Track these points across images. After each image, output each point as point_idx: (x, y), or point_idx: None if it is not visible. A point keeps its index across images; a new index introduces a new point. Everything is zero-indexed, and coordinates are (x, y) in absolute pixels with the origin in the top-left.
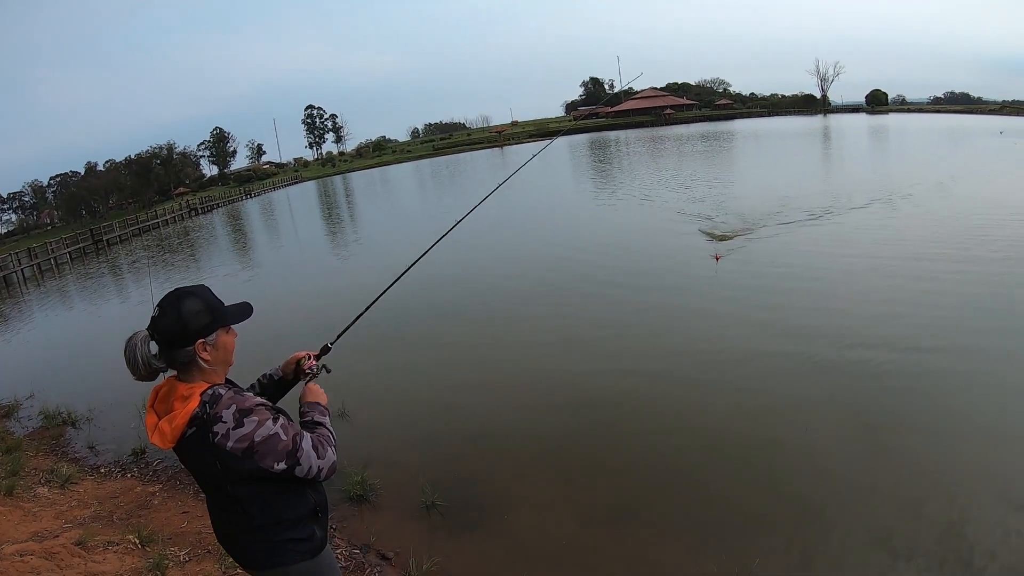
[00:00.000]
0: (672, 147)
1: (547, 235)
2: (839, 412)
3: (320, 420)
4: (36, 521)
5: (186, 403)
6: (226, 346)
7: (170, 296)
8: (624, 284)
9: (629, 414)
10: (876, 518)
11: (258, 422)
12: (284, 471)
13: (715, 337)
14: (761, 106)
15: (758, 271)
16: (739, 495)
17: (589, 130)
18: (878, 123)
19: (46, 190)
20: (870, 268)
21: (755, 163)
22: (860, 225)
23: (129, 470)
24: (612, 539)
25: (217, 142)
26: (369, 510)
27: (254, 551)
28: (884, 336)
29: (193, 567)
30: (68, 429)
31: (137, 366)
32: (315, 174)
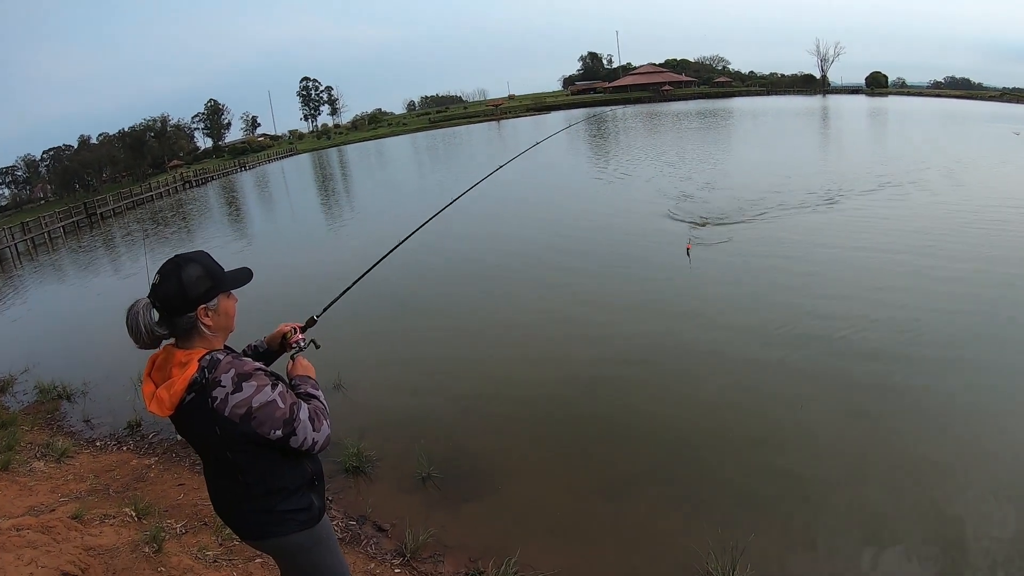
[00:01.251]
0: (669, 124)
1: (551, 212)
2: (834, 394)
3: (313, 393)
4: (32, 495)
5: (184, 369)
6: (227, 311)
7: (170, 263)
8: (617, 266)
9: (625, 390)
10: (867, 500)
11: (257, 387)
12: (280, 439)
13: (712, 316)
14: (760, 85)
15: (743, 262)
16: (734, 472)
17: (587, 105)
18: (878, 105)
19: (39, 164)
20: (877, 260)
21: (753, 142)
22: (865, 213)
23: (125, 443)
24: (607, 511)
25: (211, 114)
26: (365, 482)
27: (252, 521)
28: (890, 330)
29: (190, 539)
30: (63, 403)
31: (140, 334)
32: (310, 146)
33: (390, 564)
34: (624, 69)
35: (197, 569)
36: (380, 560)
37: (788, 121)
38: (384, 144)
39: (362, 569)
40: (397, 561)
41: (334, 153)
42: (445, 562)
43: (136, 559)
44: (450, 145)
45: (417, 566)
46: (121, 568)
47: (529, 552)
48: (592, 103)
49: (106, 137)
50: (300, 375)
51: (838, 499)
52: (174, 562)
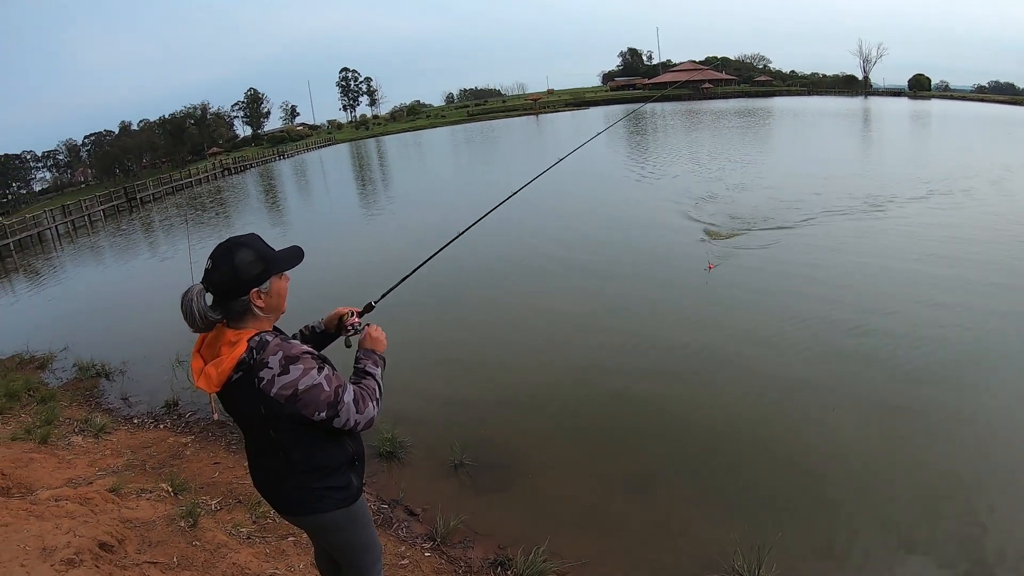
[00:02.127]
0: (708, 122)
1: (584, 208)
2: (866, 397)
3: (371, 371)
4: (70, 468)
5: (233, 348)
6: (279, 292)
7: (221, 248)
8: (652, 272)
9: (656, 392)
10: (895, 507)
11: (303, 370)
12: (323, 420)
13: (744, 324)
14: (801, 84)
15: (782, 269)
16: (762, 473)
17: (626, 101)
18: (920, 108)
19: (80, 149)
20: (923, 273)
21: (794, 143)
22: (912, 222)
23: (162, 421)
24: (635, 506)
25: (251, 103)
26: (398, 466)
27: (292, 497)
28: (934, 347)
29: (225, 516)
30: (101, 381)
31: (195, 319)
32: (349, 136)
33: (420, 548)
34: (664, 66)
35: (231, 544)
36: (411, 543)
37: (829, 122)
38: (422, 136)
39: (393, 552)
40: (427, 545)
41: (372, 143)
42: (475, 548)
43: (171, 532)
44: (488, 139)
45: (447, 551)
46: (156, 540)
47: (557, 542)
48: (631, 99)
49: (147, 123)
50: (367, 347)
51: (866, 504)
52: (208, 537)
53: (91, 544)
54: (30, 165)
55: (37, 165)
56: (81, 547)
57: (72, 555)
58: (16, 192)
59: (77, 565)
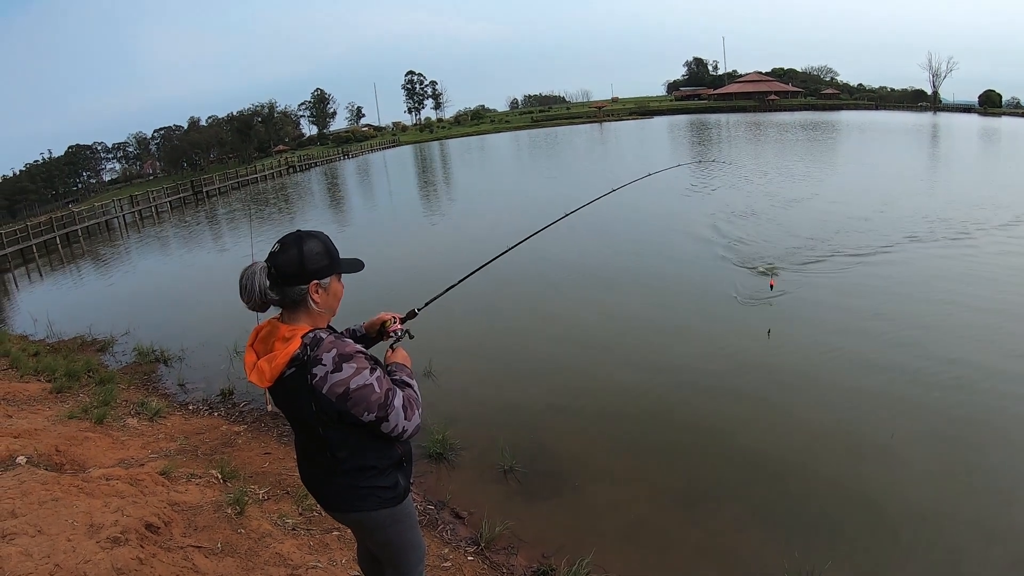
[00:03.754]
0: (773, 135)
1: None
2: (929, 423)
3: (409, 381)
4: (124, 449)
5: (287, 344)
6: (336, 293)
7: (293, 235)
8: (719, 292)
9: (712, 410)
10: (951, 542)
11: (356, 369)
12: (372, 423)
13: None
14: (868, 98)
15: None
16: (815, 499)
17: (690, 111)
18: (991, 125)
19: (149, 142)
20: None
21: (870, 161)
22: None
23: (216, 409)
24: (685, 523)
25: (317, 103)
26: (447, 468)
27: (338, 494)
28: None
29: (271, 506)
30: (160, 366)
31: (253, 294)
32: (412, 139)
33: (464, 551)
34: (730, 76)
35: (275, 535)
36: (455, 546)
37: (900, 138)
38: (486, 140)
39: (436, 553)
40: (471, 549)
41: (436, 146)
42: (518, 555)
43: (218, 518)
44: (552, 146)
45: (490, 556)
46: (202, 525)
47: (602, 554)
48: (696, 109)
49: (215, 120)
50: (397, 362)
51: (920, 537)
52: (254, 525)
53: (138, 524)
54: (100, 156)
55: (107, 156)
56: (128, 526)
57: (118, 533)
58: (86, 181)
59: (122, 544)
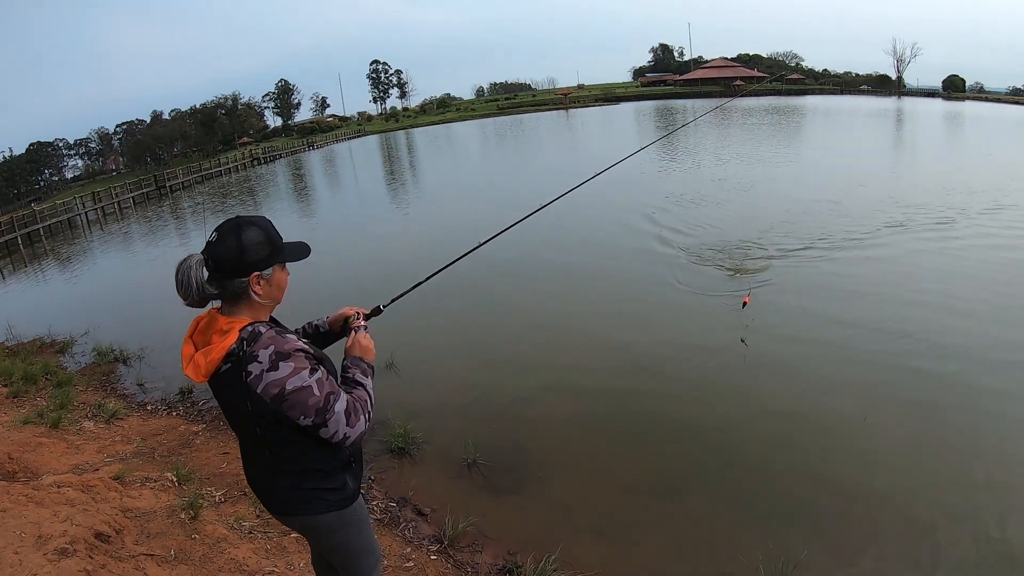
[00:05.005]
0: (738, 120)
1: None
2: (901, 406)
3: (361, 380)
4: (79, 454)
5: (224, 337)
6: (280, 283)
7: (231, 223)
8: (689, 279)
9: (682, 397)
10: (924, 524)
11: (294, 369)
12: (309, 428)
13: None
14: (834, 83)
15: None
16: (789, 486)
17: (656, 97)
18: (955, 110)
19: (112, 137)
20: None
21: (837, 145)
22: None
23: (175, 408)
24: (653, 515)
25: (282, 94)
26: (409, 463)
27: (283, 497)
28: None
29: (228, 508)
30: (119, 366)
31: (190, 290)
32: (378, 128)
33: (427, 550)
34: (695, 62)
35: (231, 539)
36: (417, 545)
37: (867, 122)
38: (452, 129)
39: (398, 553)
40: (434, 548)
41: (402, 136)
42: (483, 552)
43: (171, 524)
44: (518, 134)
45: (454, 554)
46: (155, 532)
47: (570, 549)
48: (662, 95)
49: (178, 113)
50: (356, 355)
51: (897, 522)
52: (209, 530)
53: (87, 534)
54: (62, 153)
55: (69, 153)
56: (77, 536)
57: (66, 544)
58: (48, 179)
59: (70, 555)
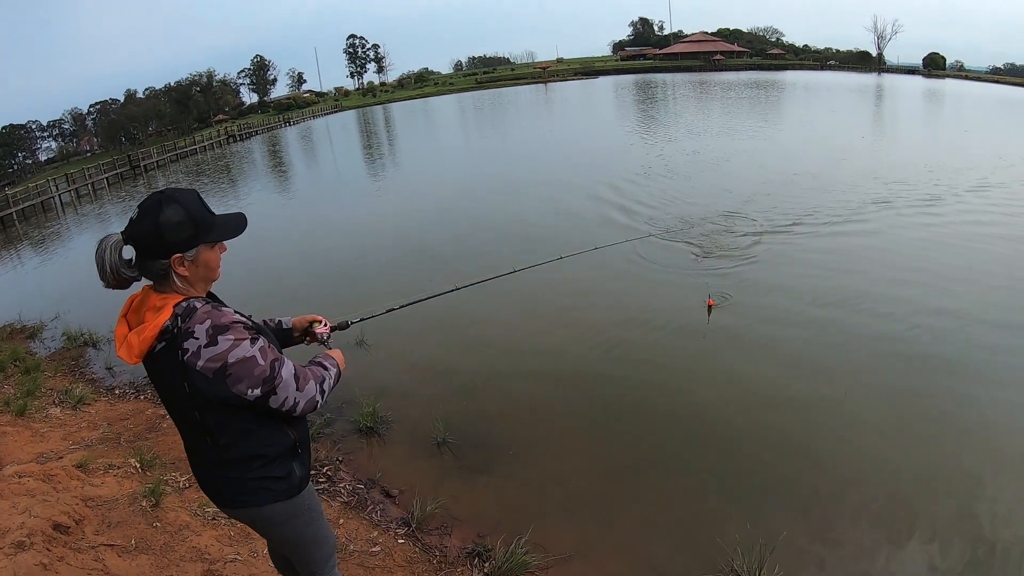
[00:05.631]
0: (718, 94)
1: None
2: (883, 386)
3: (327, 365)
4: (43, 442)
5: (157, 315)
6: (208, 263)
7: (152, 199)
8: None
9: (658, 374)
10: (904, 500)
11: (234, 341)
12: (258, 399)
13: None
14: (814, 59)
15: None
16: (768, 467)
17: (636, 71)
18: (935, 87)
19: (86, 118)
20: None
21: (817, 120)
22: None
23: (143, 392)
24: (627, 495)
25: (257, 70)
26: (378, 443)
27: (224, 487)
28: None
29: (192, 494)
30: (89, 350)
31: (105, 272)
32: (356, 103)
33: (394, 534)
34: (675, 36)
35: (194, 526)
36: (384, 528)
37: (848, 97)
38: (430, 103)
39: (364, 537)
40: (402, 531)
41: (379, 111)
42: (452, 535)
43: (133, 512)
44: (496, 107)
45: (422, 537)
46: (116, 521)
47: (542, 530)
48: (641, 69)
49: (152, 92)
50: (325, 354)
51: (878, 504)
52: (171, 518)
53: (45, 525)
54: (35, 135)
55: (43, 135)
56: (34, 528)
57: (24, 537)
58: (22, 162)
59: (27, 548)
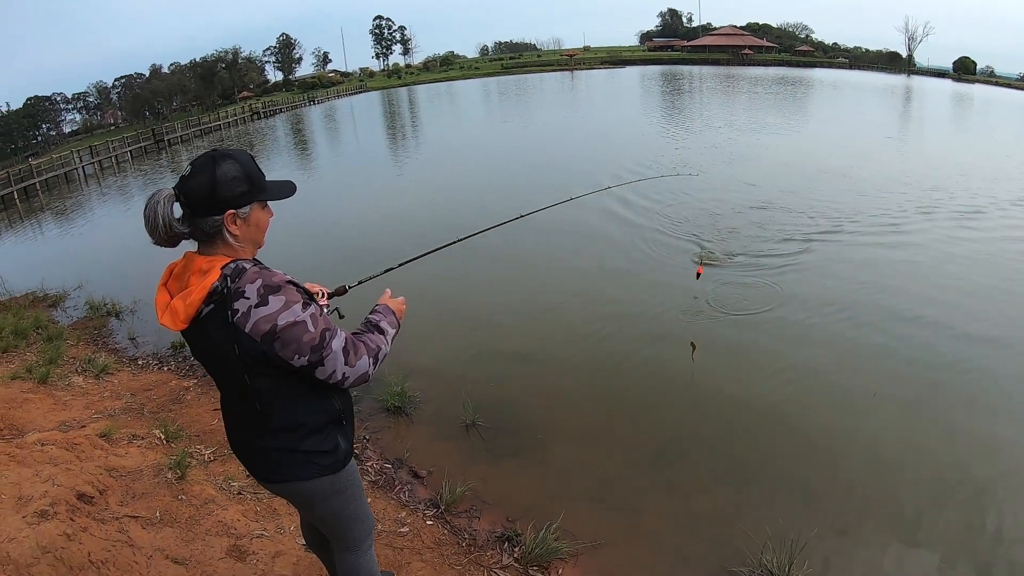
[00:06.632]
0: (745, 88)
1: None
2: (912, 384)
3: (385, 328)
4: (66, 410)
5: (204, 277)
6: (259, 223)
7: (206, 156)
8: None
9: (690, 363)
10: (945, 514)
11: (285, 303)
12: (304, 367)
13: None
14: (843, 57)
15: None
16: (800, 463)
17: (663, 62)
18: (964, 91)
19: (110, 91)
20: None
21: (847, 118)
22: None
23: (167, 363)
24: (658, 484)
25: (283, 48)
26: (406, 423)
27: (270, 460)
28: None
29: (217, 467)
30: (111, 320)
31: (156, 227)
32: (380, 84)
33: (423, 515)
34: (704, 29)
35: (219, 500)
36: (412, 509)
37: (881, 98)
38: (455, 86)
39: (392, 517)
40: (430, 512)
41: (404, 92)
42: (481, 519)
43: (157, 484)
44: (521, 92)
45: (451, 520)
46: (140, 492)
47: (571, 517)
48: (669, 60)
49: (177, 67)
50: (385, 304)
51: (915, 509)
52: (196, 491)
53: (69, 495)
54: (60, 107)
55: (67, 107)
56: (58, 497)
57: (47, 506)
58: (46, 134)
59: (50, 518)
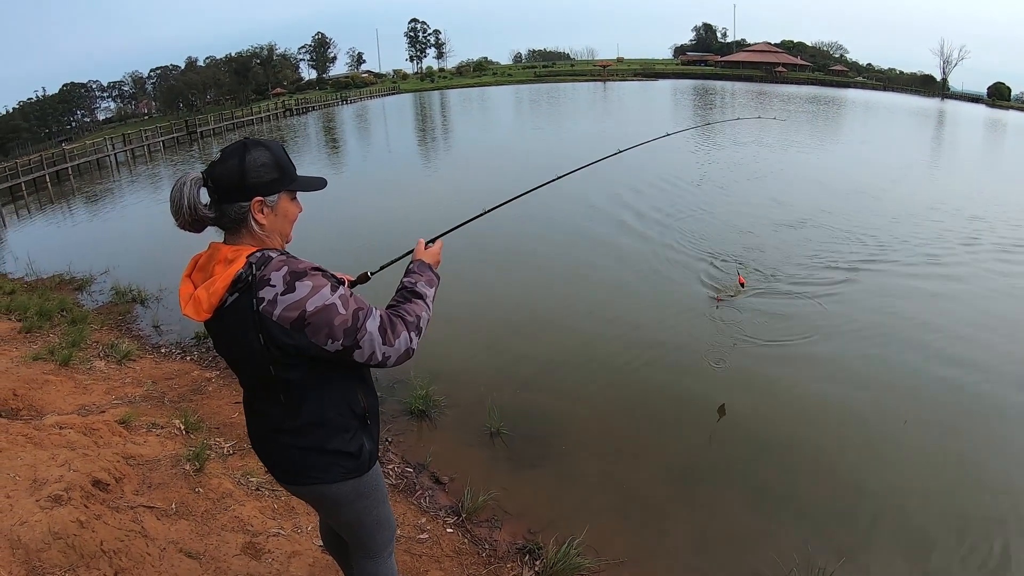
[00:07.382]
0: (778, 106)
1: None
2: (944, 412)
3: (423, 292)
4: (86, 394)
5: (229, 266)
6: (287, 214)
7: (237, 143)
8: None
9: (719, 377)
10: (984, 544)
11: (313, 288)
12: (340, 352)
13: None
14: (877, 78)
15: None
16: (831, 487)
17: (696, 76)
18: (998, 117)
19: (145, 81)
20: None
21: (883, 139)
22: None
23: (189, 353)
24: (684, 502)
25: (318, 47)
26: (429, 427)
27: (293, 459)
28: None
29: (236, 461)
30: (136, 307)
31: (181, 208)
32: (413, 87)
33: (443, 522)
34: (738, 44)
35: (236, 495)
36: (433, 515)
37: (916, 122)
38: (487, 92)
39: (412, 523)
40: (451, 520)
41: (436, 96)
42: (502, 529)
43: (175, 475)
44: (553, 102)
45: (471, 528)
46: (157, 482)
47: (594, 533)
48: (702, 75)
49: (212, 60)
50: (420, 259)
51: (947, 537)
52: (213, 484)
53: (84, 481)
54: (95, 94)
55: (102, 95)
56: (73, 483)
57: (62, 491)
58: (80, 120)
59: (64, 503)
